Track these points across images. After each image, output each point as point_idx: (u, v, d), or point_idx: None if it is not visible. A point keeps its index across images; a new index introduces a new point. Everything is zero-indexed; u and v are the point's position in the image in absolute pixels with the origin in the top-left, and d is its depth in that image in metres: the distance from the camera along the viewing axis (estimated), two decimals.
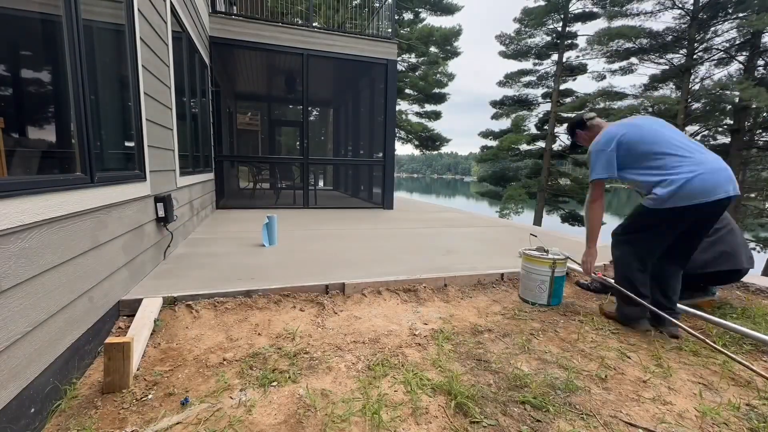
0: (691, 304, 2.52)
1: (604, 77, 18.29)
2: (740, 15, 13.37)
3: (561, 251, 2.70)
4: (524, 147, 21.11)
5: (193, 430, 1.32)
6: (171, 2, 3.59)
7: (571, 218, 19.48)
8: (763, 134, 13.87)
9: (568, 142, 19.35)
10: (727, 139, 14.38)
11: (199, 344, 1.94)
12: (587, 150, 2.37)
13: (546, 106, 21.02)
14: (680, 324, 2.10)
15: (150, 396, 1.51)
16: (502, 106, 22.11)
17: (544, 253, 2.67)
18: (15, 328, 1.26)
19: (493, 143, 22.06)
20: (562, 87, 20.09)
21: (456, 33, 19.09)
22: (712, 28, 14.41)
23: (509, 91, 21.96)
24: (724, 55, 14.27)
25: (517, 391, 1.61)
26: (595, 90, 17.66)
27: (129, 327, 1.99)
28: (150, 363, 1.75)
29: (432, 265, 3.22)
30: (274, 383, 1.61)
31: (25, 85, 1.83)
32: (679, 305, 2.35)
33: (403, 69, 19.59)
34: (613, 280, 2.41)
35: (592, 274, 2.55)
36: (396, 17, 11.52)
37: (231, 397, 1.51)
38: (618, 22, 16.32)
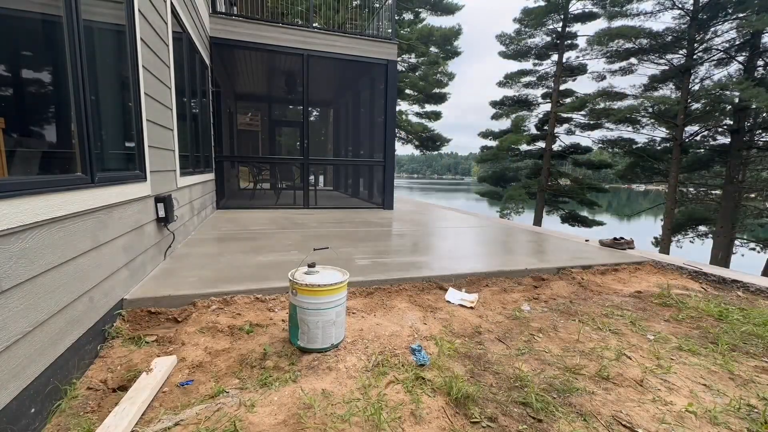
0: None
1: (604, 77, 18.26)
2: (740, 15, 13.36)
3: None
4: (524, 147, 21.09)
5: (193, 429, 1.32)
6: (171, 2, 3.59)
7: (571, 218, 19.46)
8: (763, 134, 13.83)
9: (568, 143, 19.49)
10: (727, 139, 14.35)
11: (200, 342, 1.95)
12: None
13: (546, 107, 20.99)
14: None
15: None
16: (502, 107, 22.10)
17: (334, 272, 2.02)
18: (15, 328, 1.26)
19: (493, 143, 22.05)
20: (562, 87, 20.06)
21: (456, 33, 19.10)
22: (712, 29, 14.38)
23: (509, 92, 21.98)
24: (724, 56, 14.25)
25: (517, 391, 1.61)
26: (595, 90, 17.64)
27: (129, 331, 1.98)
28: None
29: (432, 265, 3.22)
30: (275, 383, 1.61)
31: (25, 85, 1.82)
32: None
33: (403, 69, 19.59)
34: None
35: None
36: (396, 17, 11.53)
37: (231, 397, 1.51)
38: (618, 23, 16.31)
